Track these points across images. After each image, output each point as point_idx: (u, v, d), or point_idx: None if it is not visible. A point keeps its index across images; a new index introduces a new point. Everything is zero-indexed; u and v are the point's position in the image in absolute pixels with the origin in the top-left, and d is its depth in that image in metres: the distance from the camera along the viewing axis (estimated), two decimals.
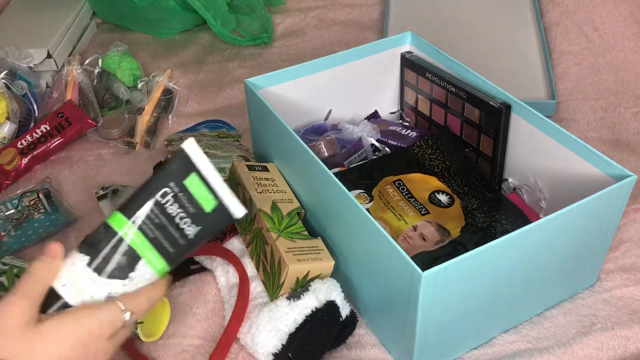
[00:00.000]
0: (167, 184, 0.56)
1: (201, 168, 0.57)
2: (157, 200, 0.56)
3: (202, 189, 0.57)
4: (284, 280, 0.68)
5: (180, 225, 0.57)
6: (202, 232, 0.57)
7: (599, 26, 1.23)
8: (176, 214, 0.56)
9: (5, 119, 1.01)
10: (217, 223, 0.58)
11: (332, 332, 0.68)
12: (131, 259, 0.55)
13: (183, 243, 0.57)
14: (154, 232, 0.56)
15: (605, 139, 0.99)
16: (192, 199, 0.57)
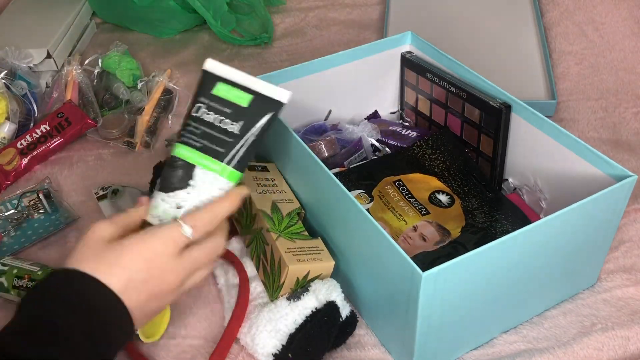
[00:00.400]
0: (198, 100, 0.62)
1: (225, 75, 0.62)
2: (192, 115, 0.61)
3: (232, 90, 0.61)
4: (284, 280, 0.68)
5: (222, 127, 0.60)
6: (247, 124, 0.60)
7: (599, 26, 1.23)
8: (214, 119, 0.61)
9: (5, 119, 1.01)
10: (260, 111, 0.61)
11: (332, 332, 0.68)
12: (186, 169, 0.60)
13: (230, 140, 0.60)
14: (199, 141, 0.60)
15: (605, 139, 0.99)
16: (226, 102, 0.61)
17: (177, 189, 0.60)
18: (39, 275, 0.75)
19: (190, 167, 0.60)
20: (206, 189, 0.60)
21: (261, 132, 0.61)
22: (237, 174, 0.61)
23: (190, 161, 0.60)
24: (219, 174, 0.60)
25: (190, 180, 0.60)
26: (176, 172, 0.60)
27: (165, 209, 0.60)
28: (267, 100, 0.61)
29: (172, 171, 0.61)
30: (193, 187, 0.60)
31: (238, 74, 0.61)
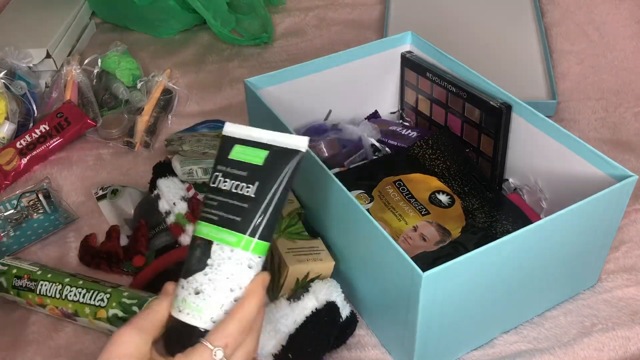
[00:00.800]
0: (216, 169, 0.55)
1: (241, 136, 0.55)
2: (210, 186, 0.54)
3: (247, 150, 0.54)
4: (284, 280, 0.68)
5: (238, 192, 0.53)
6: (264, 184, 0.52)
7: (599, 26, 1.23)
8: (230, 186, 0.53)
9: (4, 119, 1.01)
10: (278, 167, 0.53)
11: (333, 332, 0.68)
12: (204, 248, 0.52)
13: (246, 205, 0.52)
14: (216, 213, 0.53)
15: (606, 139, 0.99)
16: (242, 165, 0.54)
17: (195, 272, 0.52)
18: (38, 275, 0.74)
19: (208, 245, 0.52)
20: (225, 266, 0.52)
21: (283, 188, 0.52)
22: (260, 244, 0.52)
23: (207, 237, 0.52)
24: (237, 247, 0.51)
25: (208, 259, 0.52)
26: (194, 254, 0.53)
27: (184, 297, 0.52)
28: (283, 152, 0.53)
29: (190, 253, 0.53)
30: (210, 267, 0.52)
31: (252, 131, 0.54)
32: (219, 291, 0.51)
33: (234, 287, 0.52)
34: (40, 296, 0.73)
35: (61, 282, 0.73)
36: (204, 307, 0.51)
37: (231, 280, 0.51)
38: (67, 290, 0.72)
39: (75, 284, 0.73)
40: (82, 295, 0.72)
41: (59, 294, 0.72)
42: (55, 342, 0.74)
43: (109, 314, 0.70)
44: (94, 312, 0.71)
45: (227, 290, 0.52)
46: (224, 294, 0.51)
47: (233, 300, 0.52)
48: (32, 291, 0.74)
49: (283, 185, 0.52)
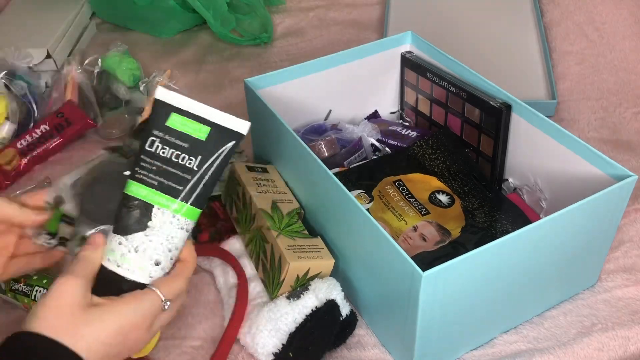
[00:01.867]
0: (152, 133, 0.58)
1: (179, 105, 0.58)
2: (146, 150, 0.58)
3: (187, 122, 0.57)
4: (284, 277, 0.68)
5: (179, 162, 0.57)
6: (205, 158, 0.57)
7: (599, 26, 1.23)
8: (170, 154, 0.57)
9: (4, 119, 1.01)
10: (219, 144, 0.58)
11: (333, 331, 0.68)
12: (144, 210, 0.57)
13: (188, 176, 0.57)
14: (155, 178, 0.57)
15: (605, 139, 0.99)
16: (182, 135, 0.57)
17: (135, 232, 0.57)
18: (34, 280, 0.74)
19: (148, 207, 0.57)
20: (166, 229, 0.57)
21: (219, 165, 0.58)
22: (196, 211, 0.58)
23: (147, 200, 0.57)
24: (178, 213, 0.57)
25: (149, 221, 0.57)
26: (133, 213, 0.57)
27: (123, 253, 0.57)
28: (226, 131, 0.57)
29: (128, 212, 0.57)
30: (152, 229, 0.57)
31: (193, 104, 0.58)
32: (158, 250, 0.57)
33: (172, 247, 0.58)
34: (14, 292, 0.74)
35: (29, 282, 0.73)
36: (144, 264, 0.57)
37: (170, 242, 0.57)
38: (37, 290, 0.72)
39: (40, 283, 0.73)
40: None
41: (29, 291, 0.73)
42: None
43: None
44: None
45: (165, 251, 0.57)
46: (163, 253, 0.57)
47: (169, 258, 0.58)
48: (27, 296, 0.74)
49: (221, 161, 0.58)
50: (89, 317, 0.52)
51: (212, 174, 0.58)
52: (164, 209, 0.57)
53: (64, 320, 0.51)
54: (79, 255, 0.56)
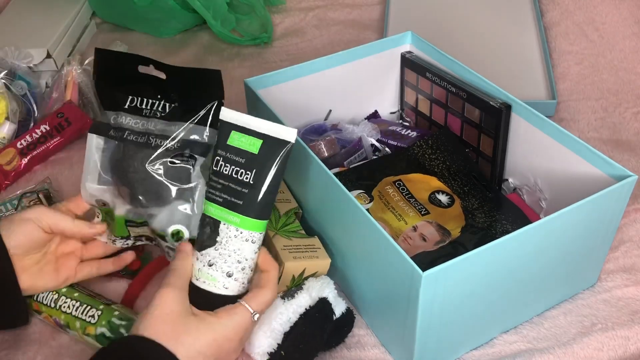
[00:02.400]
0: (216, 153, 0.63)
1: (237, 123, 0.63)
2: (213, 169, 0.63)
3: (244, 138, 0.62)
4: (279, 277, 0.68)
5: (238, 178, 0.61)
6: (260, 171, 0.61)
7: (599, 26, 1.23)
8: (231, 171, 0.62)
9: (4, 119, 1.01)
10: (271, 155, 0.61)
11: (325, 328, 0.67)
12: (213, 226, 0.62)
13: (246, 190, 0.61)
14: (220, 195, 0.62)
15: (605, 139, 0.99)
16: (239, 151, 0.62)
17: (207, 247, 0.62)
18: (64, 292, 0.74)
19: (216, 223, 0.62)
20: (232, 243, 0.61)
21: (275, 175, 0.61)
22: (259, 222, 0.61)
23: (215, 217, 0.62)
24: (240, 227, 0.61)
25: (217, 236, 0.62)
26: (205, 230, 0.63)
27: (199, 268, 0.62)
28: (275, 141, 0.61)
29: (201, 229, 0.63)
30: (220, 243, 0.62)
31: (247, 119, 0.62)
32: (228, 263, 0.62)
33: (241, 259, 0.62)
34: (37, 302, 0.73)
35: (58, 292, 0.72)
36: (217, 276, 0.62)
37: (237, 254, 0.62)
38: (62, 300, 0.71)
39: (71, 295, 0.72)
40: (75, 309, 0.71)
41: (54, 304, 0.72)
42: (57, 342, 0.74)
43: (97, 332, 0.69)
44: (83, 328, 0.70)
45: (235, 262, 0.62)
46: (233, 265, 0.62)
47: (241, 269, 0.62)
48: (30, 296, 0.73)
49: (275, 171, 0.61)
50: (188, 327, 0.57)
51: (269, 184, 0.61)
52: (228, 224, 0.61)
53: (167, 327, 0.56)
54: (172, 265, 0.62)
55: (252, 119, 0.62)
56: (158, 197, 0.68)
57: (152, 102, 0.70)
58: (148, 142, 0.68)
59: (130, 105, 0.70)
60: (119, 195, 0.70)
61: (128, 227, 0.70)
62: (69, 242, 0.72)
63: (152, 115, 0.69)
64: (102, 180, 0.70)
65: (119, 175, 0.69)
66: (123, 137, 0.69)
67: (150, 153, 0.68)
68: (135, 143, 0.68)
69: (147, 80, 0.70)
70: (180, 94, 0.69)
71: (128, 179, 0.68)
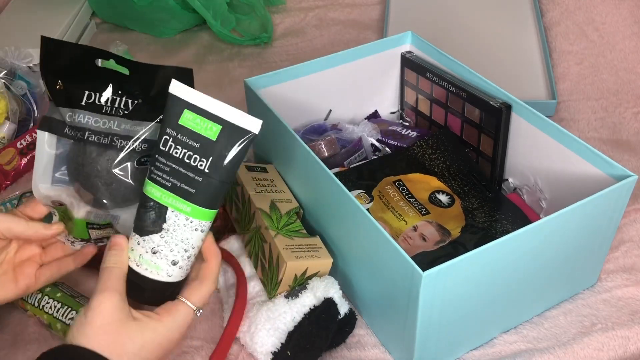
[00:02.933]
0: (165, 132, 0.57)
1: (192, 101, 0.56)
2: (160, 149, 0.57)
3: (199, 120, 0.56)
4: (282, 276, 0.68)
5: (191, 164, 0.56)
6: (217, 160, 0.56)
7: (599, 26, 1.23)
8: (182, 155, 0.56)
9: (4, 119, 1.01)
10: (230, 144, 0.56)
11: (331, 329, 0.68)
12: (158, 211, 0.57)
13: (200, 179, 0.56)
14: (169, 179, 0.57)
15: (605, 139, 0.99)
16: (193, 135, 0.56)
17: (151, 233, 0.57)
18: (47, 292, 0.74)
19: (162, 209, 0.57)
20: (180, 231, 0.57)
21: (231, 166, 0.56)
22: (210, 212, 0.58)
23: (161, 202, 0.57)
24: (191, 216, 0.57)
25: (164, 223, 0.57)
26: (149, 214, 0.57)
27: (141, 254, 0.58)
28: (237, 130, 0.56)
29: (144, 212, 0.58)
30: (167, 231, 0.57)
31: (206, 100, 0.56)
32: (175, 252, 0.58)
33: (188, 248, 0.58)
34: (23, 301, 0.73)
35: (42, 291, 0.72)
36: (161, 264, 0.58)
37: (185, 243, 0.58)
38: (45, 300, 0.71)
39: (54, 295, 0.72)
40: (56, 310, 0.70)
41: (37, 303, 0.71)
42: (56, 341, 0.74)
43: None
44: (64, 330, 0.69)
45: (182, 251, 0.58)
46: (179, 253, 0.58)
47: (187, 257, 0.59)
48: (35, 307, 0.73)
49: (234, 162, 0.56)
50: (131, 335, 0.54)
51: (224, 175, 0.57)
52: (177, 212, 0.57)
53: (109, 338, 0.53)
54: (108, 262, 0.58)
55: (209, 100, 0.56)
56: (125, 200, 0.64)
57: (113, 98, 0.63)
58: (112, 143, 0.63)
59: (87, 101, 0.63)
60: (76, 196, 0.65)
61: (89, 230, 0.65)
62: (26, 248, 0.66)
63: (114, 113, 0.63)
64: (56, 179, 0.65)
65: (80, 178, 0.64)
66: (84, 138, 0.63)
67: (115, 155, 0.63)
68: (97, 144, 0.63)
69: (106, 75, 0.64)
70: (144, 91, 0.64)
71: (91, 183, 0.63)
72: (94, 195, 0.63)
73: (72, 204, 0.64)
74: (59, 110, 0.64)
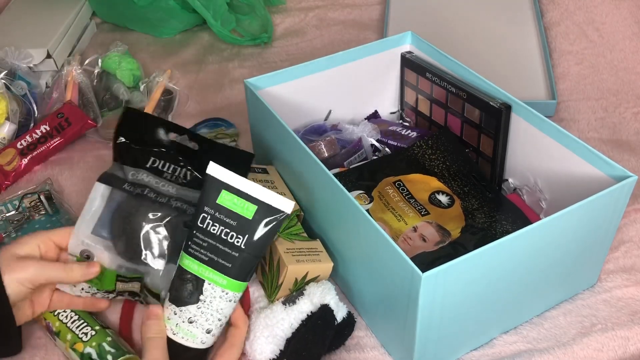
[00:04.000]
0: (203, 210, 0.62)
1: (229, 183, 0.62)
2: (198, 226, 0.62)
3: (236, 200, 0.62)
4: (282, 280, 0.68)
5: (228, 240, 0.61)
6: (252, 236, 0.61)
7: (599, 26, 1.23)
8: (220, 232, 0.62)
9: (5, 120, 1.01)
10: (264, 222, 0.62)
11: (328, 335, 0.67)
12: (195, 284, 0.62)
13: (236, 254, 0.61)
14: (206, 254, 0.62)
15: (605, 139, 0.99)
16: (230, 213, 0.62)
17: (189, 304, 0.62)
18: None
19: (200, 282, 0.62)
20: (216, 303, 0.62)
21: (264, 242, 0.62)
22: (243, 285, 0.63)
23: (199, 275, 0.62)
24: (227, 288, 0.62)
25: (200, 295, 0.62)
26: (186, 286, 0.62)
27: (177, 323, 0.63)
28: (271, 210, 0.62)
29: (181, 284, 0.62)
30: (203, 302, 0.62)
31: (242, 182, 0.62)
32: (209, 321, 0.63)
33: (222, 317, 0.64)
34: None
35: None
36: (196, 333, 0.63)
37: (219, 313, 0.63)
38: None
39: None
40: (71, 320, 0.70)
41: None
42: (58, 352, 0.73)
43: (84, 350, 0.67)
44: (73, 341, 0.68)
45: (216, 320, 0.63)
46: (214, 323, 0.63)
47: (219, 325, 0.64)
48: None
49: (267, 239, 0.62)
50: None
51: (258, 250, 0.62)
52: (214, 285, 0.62)
53: None
54: (151, 335, 0.62)
55: (245, 182, 0.62)
56: (161, 256, 0.68)
57: (174, 167, 0.71)
58: (169, 203, 0.69)
59: (151, 165, 0.71)
60: (111, 248, 0.68)
61: (117, 282, 0.68)
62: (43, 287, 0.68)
63: (173, 180, 0.71)
64: (96, 230, 0.69)
65: (127, 228, 0.68)
66: (142, 194, 0.69)
67: (169, 213, 0.68)
68: (153, 201, 0.68)
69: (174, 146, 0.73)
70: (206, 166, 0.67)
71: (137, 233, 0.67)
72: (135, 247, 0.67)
73: (104, 256, 0.68)
74: (122, 169, 0.71)
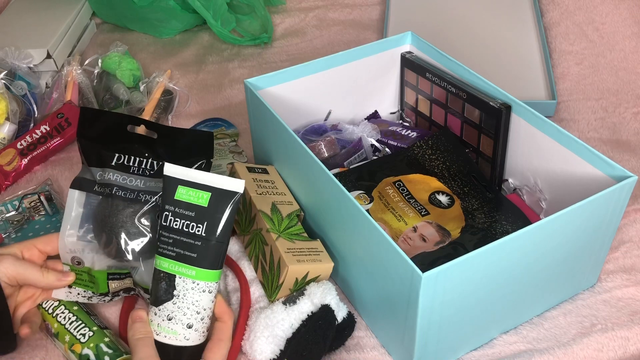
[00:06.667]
0: (164, 208, 0.64)
1: (183, 177, 0.64)
2: (162, 224, 0.64)
3: (192, 192, 0.63)
4: (283, 280, 0.68)
5: (189, 231, 0.63)
6: (211, 222, 0.63)
7: (599, 26, 1.23)
8: (181, 225, 0.63)
9: (5, 120, 1.01)
10: (220, 206, 0.63)
11: (328, 335, 0.67)
12: (168, 281, 0.63)
13: (199, 243, 0.63)
14: (172, 250, 0.63)
15: (605, 139, 0.99)
16: (188, 205, 0.63)
17: (165, 301, 0.63)
18: None
19: (171, 278, 0.63)
20: (189, 295, 0.63)
21: (225, 225, 0.63)
22: (213, 273, 0.63)
23: (170, 271, 0.63)
24: (197, 279, 0.63)
25: (174, 290, 0.63)
26: (160, 285, 0.63)
27: (159, 323, 0.64)
28: (224, 193, 0.63)
29: (157, 284, 0.64)
30: (177, 297, 0.63)
31: (194, 173, 0.64)
32: (187, 315, 0.63)
33: (199, 309, 0.64)
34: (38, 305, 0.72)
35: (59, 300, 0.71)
36: (177, 329, 0.63)
37: (196, 305, 0.63)
38: (61, 310, 0.71)
39: (70, 307, 0.71)
40: (69, 321, 0.70)
41: (52, 310, 0.71)
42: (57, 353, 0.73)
43: (82, 351, 0.68)
44: (71, 343, 0.69)
45: (194, 313, 0.63)
46: (192, 316, 0.63)
47: (200, 319, 0.64)
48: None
49: (226, 221, 0.63)
50: None
51: (220, 235, 0.63)
52: (184, 277, 0.63)
53: None
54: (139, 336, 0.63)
55: (197, 173, 0.64)
56: (145, 251, 0.70)
57: (140, 160, 0.72)
58: (138, 198, 0.71)
59: (117, 162, 0.72)
60: (99, 250, 0.71)
61: (109, 282, 0.71)
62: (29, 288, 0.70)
63: (141, 173, 0.72)
64: (81, 236, 0.71)
65: (106, 229, 0.70)
66: (111, 193, 0.71)
67: (139, 208, 0.70)
68: (123, 198, 0.70)
69: (135, 139, 0.74)
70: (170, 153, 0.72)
71: (116, 232, 0.70)
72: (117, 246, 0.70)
73: (93, 260, 0.71)
74: (90, 171, 0.72)
